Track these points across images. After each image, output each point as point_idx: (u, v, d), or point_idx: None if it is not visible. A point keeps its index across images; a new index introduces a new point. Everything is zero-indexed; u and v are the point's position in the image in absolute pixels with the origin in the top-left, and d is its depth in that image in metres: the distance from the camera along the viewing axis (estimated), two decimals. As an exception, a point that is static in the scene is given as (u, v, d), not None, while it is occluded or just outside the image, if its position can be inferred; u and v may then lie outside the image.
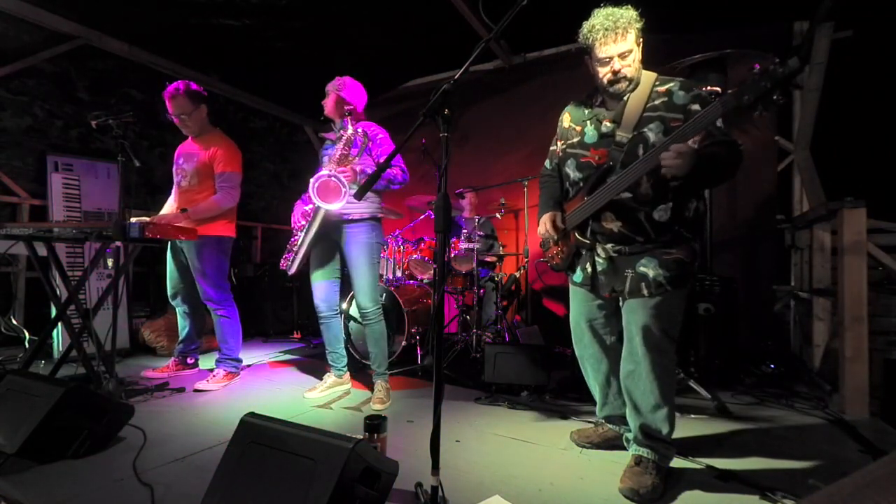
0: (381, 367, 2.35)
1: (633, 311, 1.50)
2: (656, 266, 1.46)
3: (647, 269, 1.47)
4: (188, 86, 2.57)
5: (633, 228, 1.48)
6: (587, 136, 1.58)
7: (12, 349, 3.03)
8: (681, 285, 1.47)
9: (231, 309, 2.66)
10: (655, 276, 1.45)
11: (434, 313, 2.27)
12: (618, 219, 1.50)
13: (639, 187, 1.45)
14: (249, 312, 4.11)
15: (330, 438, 1.16)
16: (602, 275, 1.57)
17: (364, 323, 2.34)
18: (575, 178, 1.62)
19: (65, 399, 1.54)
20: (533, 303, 4.04)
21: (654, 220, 1.46)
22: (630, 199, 1.47)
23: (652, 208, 1.46)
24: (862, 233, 2.17)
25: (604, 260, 1.56)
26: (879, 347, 2.33)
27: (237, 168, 2.65)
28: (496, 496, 1.35)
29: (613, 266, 1.55)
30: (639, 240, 1.49)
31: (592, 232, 1.57)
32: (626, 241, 1.51)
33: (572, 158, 1.62)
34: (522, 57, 4.10)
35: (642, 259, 1.48)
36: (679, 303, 1.50)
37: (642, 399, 1.51)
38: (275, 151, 5.30)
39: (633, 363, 1.52)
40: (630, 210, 1.48)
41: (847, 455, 1.72)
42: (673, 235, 1.47)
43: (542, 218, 1.73)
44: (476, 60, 1.24)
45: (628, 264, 1.51)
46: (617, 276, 1.53)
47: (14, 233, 2.14)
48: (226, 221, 2.66)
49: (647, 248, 1.48)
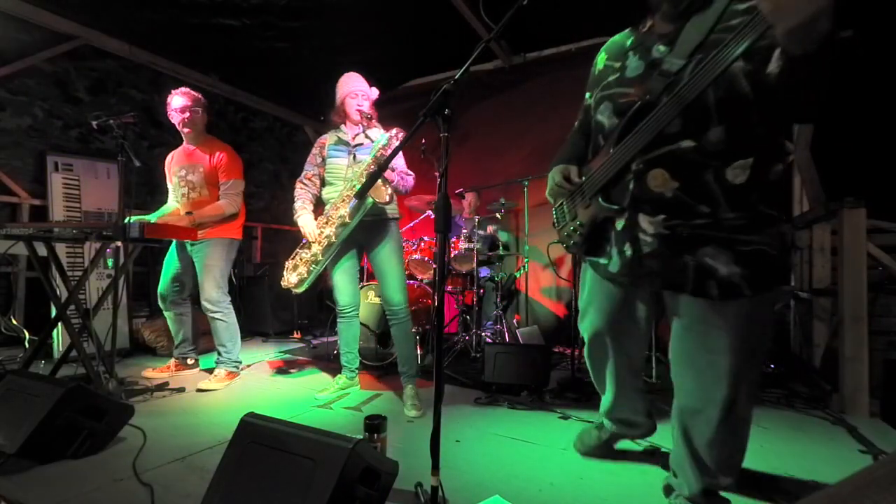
0: (413, 368, 2.30)
1: (701, 320, 1.10)
2: (728, 260, 1.04)
3: (715, 263, 1.05)
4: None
5: (697, 192, 1.04)
6: (629, 68, 1.17)
7: (12, 349, 3.04)
8: (765, 287, 1.05)
9: (228, 312, 2.66)
10: (729, 275, 1.04)
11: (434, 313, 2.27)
12: (674, 177, 1.06)
13: (706, 130, 1.02)
14: (249, 312, 4.12)
15: (330, 438, 1.16)
16: (650, 260, 1.12)
17: (395, 321, 2.28)
18: (611, 127, 1.20)
19: (65, 399, 1.54)
20: (533, 303, 4.04)
21: (727, 182, 1.03)
22: (692, 149, 1.03)
23: (725, 163, 1.02)
24: (862, 233, 2.17)
25: (652, 238, 1.11)
26: (879, 347, 2.32)
27: (240, 176, 2.70)
28: (496, 496, 1.35)
29: (665, 248, 1.10)
30: (703, 210, 1.04)
31: (634, 200, 1.13)
32: (685, 211, 1.06)
33: (608, 101, 1.20)
34: (522, 57, 4.10)
35: (707, 248, 1.06)
36: (765, 313, 1.11)
37: (710, 453, 1.15)
38: (275, 151, 5.30)
39: (701, 401, 1.13)
40: (692, 165, 1.04)
41: (847, 455, 1.72)
42: (750, 213, 1.03)
43: (551, 173, 1.35)
44: (476, 60, 1.23)
45: (687, 247, 1.07)
46: (672, 263, 1.10)
47: (14, 233, 2.14)
48: (237, 224, 2.72)
49: (714, 229, 1.05)
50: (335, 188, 2.30)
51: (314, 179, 2.38)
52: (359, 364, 2.49)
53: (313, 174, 2.37)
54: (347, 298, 2.38)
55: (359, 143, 2.31)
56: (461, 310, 3.54)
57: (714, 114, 1.01)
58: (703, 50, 1.01)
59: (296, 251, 2.34)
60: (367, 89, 2.32)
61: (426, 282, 3.46)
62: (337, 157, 2.32)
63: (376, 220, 2.27)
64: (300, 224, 2.29)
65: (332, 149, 2.34)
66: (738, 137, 1.01)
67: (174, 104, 2.59)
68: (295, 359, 3.34)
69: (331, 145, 2.36)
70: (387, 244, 2.28)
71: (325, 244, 2.22)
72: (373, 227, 2.28)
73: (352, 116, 2.30)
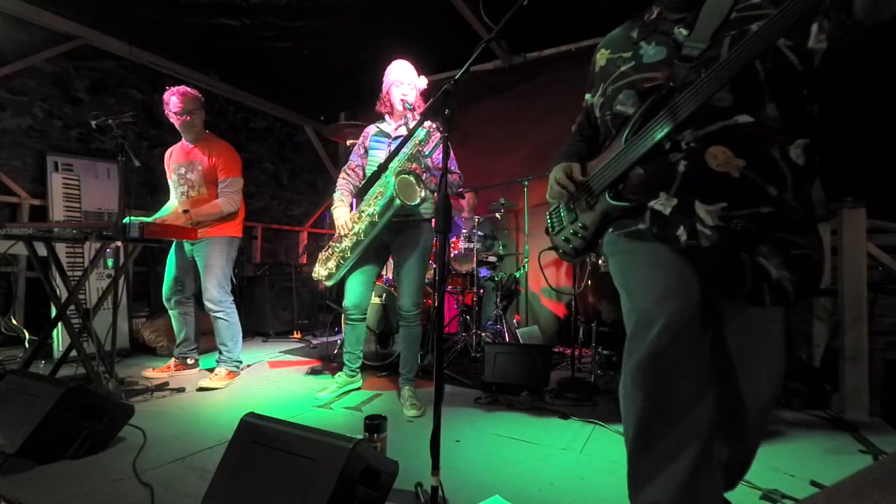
0: (412, 371, 2.31)
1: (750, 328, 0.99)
2: (780, 263, 0.92)
3: (768, 264, 0.92)
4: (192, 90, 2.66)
5: (766, 171, 0.91)
6: (647, 55, 1.05)
7: (12, 349, 3.04)
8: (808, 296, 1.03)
9: (230, 311, 2.66)
10: (780, 279, 0.93)
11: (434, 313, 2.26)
12: (739, 154, 0.91)
13: (762, 105, 0.91)
14: (249, 312, 4.12)
15: (330, 438, 1.16)
16: (709, 256, 0.95)
17: (405, 325, 2.27)
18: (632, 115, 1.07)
19: (65, 399, 1.54)
20: (533, 303, 4.05)
21: (793, 162, 0.92)
22: (751, 124, 0.91)
23: (788, 140, 0.92)
24: (862, 233, 2.17)
25: (711, 232, 0.94)
26: (879, 347, 2.32)
27: (238, 173, 2.69)
28: (496, 496, 1.35)
29: (725, 243, 0.93)
30: (771, 193, 0.91)
31: (687, 183, 0.95)
32: (752, 194, 0.91)
33: (628, 90, 1.05)
34: (522, 57, 4.10)
35: (762, 246, 0.92)
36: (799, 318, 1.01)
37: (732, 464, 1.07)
38: (275, 151, 5.30)
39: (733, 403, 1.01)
40: (757, 141, 0.92)
41: (847, 455, 1.72)
42: (806, 204, 0.94)
43: (552, 172, 1.22)
44: (476, 60, 1.23)
45: (744, 243, 0.93)
46: (729, 261, 0.95)
47: (14, 233, 2.14)
48: (236, 222, 2.71)
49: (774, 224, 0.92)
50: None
51: (357, 171, 2.34)
52: (360, 365, 2.48)
53: (357, 165, 2.34)
54: (355, 300, 2.30)
55: (399, 136, 2.24)
56: (461, 310, 3.54)
57: (766, 88, 0.90)
58: (728, 28, 0.94)
59: (329, 244, 2.32)
60: (415, 78, 2.24)
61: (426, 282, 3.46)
62: (377, 148, 2.27)
63: (406, 220, 2.20)
64: (335, 216, 2.26)
65: (373, 139, 2.29)
66: (793, 114, 0.92)
67: (171, 106, 2.58)
68: (295, 359, 3.34)
69: (373, 136, 2.31)
70: (413, 248, 2.22)
71: (353, 241, 2.19)
72: (401, 227, 2.22)
73: (396, 107, 2.23)
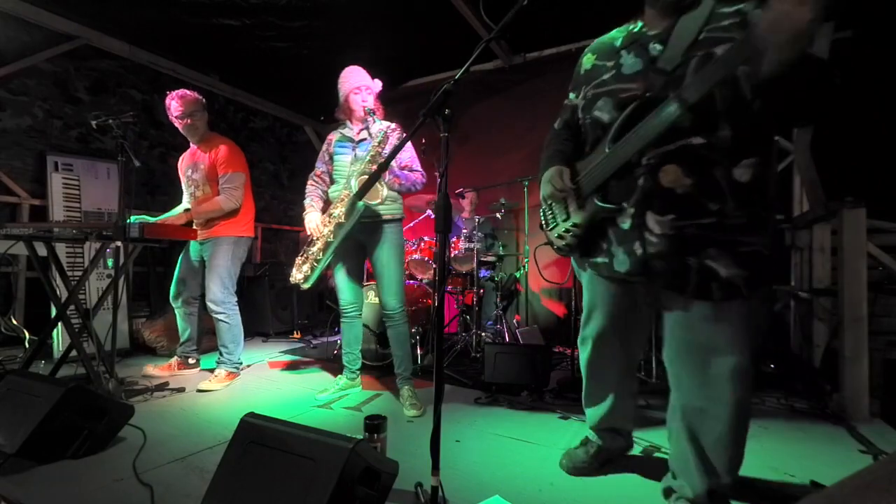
0: (408, 370, 2.32)
1: (703, 319, 1.13)
2: (729, 263, 1.07)
3: (716, 265, 1.08)
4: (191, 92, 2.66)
5: (708, 189, 1.06)
6: (626, 66, 1.19)
7: (12, 349, 3.03)
8: (760, 287, 1.11)
9: (232, 313, 2.65)
10: (730, 276, 1.08)
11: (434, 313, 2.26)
12: (687, 174, 1.07)
13: (715, 128, 1.04)
14: (250, 312, 4.11)
15: (330, 438, 1.16)
16: (655, 260, 1.14)
17: (390, 324, 2.30)
18: (611, 122, 1.20)
19: (65, 399, 1.54)
20: (533, 303, 4.04)
21: (735, 181, 1.06)
22: (703, 145, 1.05)
23: (733, 162, 1.06)
24: (862, 233, 2.17)
25: (658, 239, 1.12)
26: (879, 347, 2.32)
27: (238, 168, 2.66)
28: (496, 496, 1.35)
29: (670, 249, 1.11)
30: (712, 208, 1.07)
31: (644, 195, 1.13)
32: (694, 210, 1.08)
33: (606, 97, 1.20)
34: (522, 57, 4.10)
35: (710, 250, 1.08)
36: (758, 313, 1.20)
37: (717, 453, 1.16)
38: (275, 151, 5.30)
39: (706, 399, 1.15)
40: (704, 162, 1.06)
41: (847, 455, 1.72)
42: (752, 212, 1.07)
43: (545, 176, 1.33)
44: (476, 60, 1.23)
45: (691, 248, 1.10)
46: (675, 264, 1.12)
47: (14, 233, 2.14)
48: (242, 221, 2.69)
49: (718, 230, 1.08)
50: (340, 186, 2.29)
51: (323, 177, 2.38)
52: (360, 366, 2.49)
53: (322, 171, 2.38)
54: (347, 297, 2.37)
55: (361, 139, 2.29)
56: (461, 310, 3.54)
57: (721, 112, 1.03)
58: (697, 48, 1.06)
59: (304, 248, 2.34)
60: (370, 82, 2.28)
61: (426, 282, 3.46)
62: (341, 153, 2.31)
63: (372, 221, 2.25)
64: (306, 221, 2.30)
65: (338, 145, 2.33)
66: (744, 137, 1.05)
67: (172, 110, 2.58)
68: (295, 359, 3.34)
69: (336, 142, 2.34)
70: (383, 247, 2.26)
71: (323, 243, 2.23)
72: (370, 228, 2.27)
73: (357, 112, 2.27)
